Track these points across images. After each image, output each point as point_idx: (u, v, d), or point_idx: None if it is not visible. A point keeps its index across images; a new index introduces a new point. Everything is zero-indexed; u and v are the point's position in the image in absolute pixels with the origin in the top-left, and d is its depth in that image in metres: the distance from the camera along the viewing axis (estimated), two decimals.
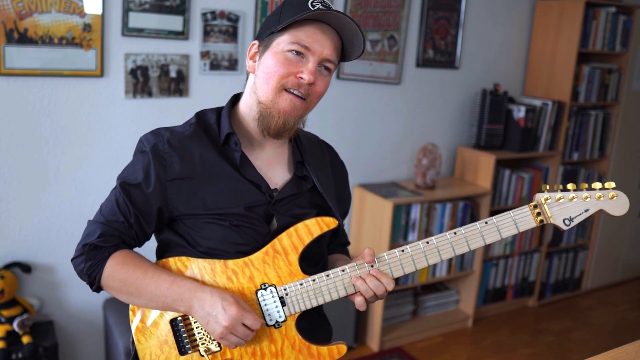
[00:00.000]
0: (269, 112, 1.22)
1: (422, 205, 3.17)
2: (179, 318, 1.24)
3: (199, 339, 1.24)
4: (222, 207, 1.22)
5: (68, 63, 2.37)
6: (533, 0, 3.70)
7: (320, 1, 1.20)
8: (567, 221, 1.23)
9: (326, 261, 1.39)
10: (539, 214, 1.23)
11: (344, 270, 1.24)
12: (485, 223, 1.24)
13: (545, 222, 1.23)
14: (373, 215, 3.10)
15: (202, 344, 1.23)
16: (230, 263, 1.23)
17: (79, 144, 2.49)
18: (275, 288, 1.23)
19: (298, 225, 1.24)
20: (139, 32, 2.49)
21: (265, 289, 1.23)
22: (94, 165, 2.53)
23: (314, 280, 1.23)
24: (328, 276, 1.24)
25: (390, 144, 3.33)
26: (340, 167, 1.47)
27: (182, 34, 2.58)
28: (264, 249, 1.23)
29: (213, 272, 1.23)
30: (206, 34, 2.64)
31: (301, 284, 1.23)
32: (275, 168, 1.31)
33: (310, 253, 1.27)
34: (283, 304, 1.23)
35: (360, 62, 3.09)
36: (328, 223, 1.25)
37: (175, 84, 2.61)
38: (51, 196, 2.47)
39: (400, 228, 3.14)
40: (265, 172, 1.29)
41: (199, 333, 1.24)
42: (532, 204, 1.23)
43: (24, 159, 2.39)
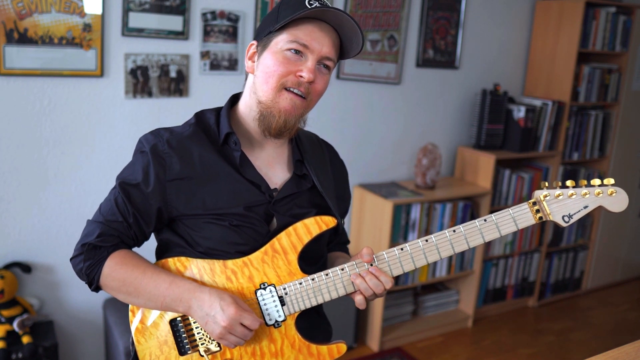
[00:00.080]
0: (269, 112, 1.22)
1: (422, 205, 3.17)
2: (179, 318, 1.24)
3: (199, 339, 1.24)
4: (222, 207, 1.22)
5: (68, 63, 2.38)
6: (533, 0, 3.70)
7: None
8: (567, 218, 1.22)
9: (325, 260, 1.39)
10: (538, 211, 1.22)
11: (343, 269, 1.24)
12: (485, 221, 1.23)
13: (544, 219, 1.23)
14: (373, 215, 3.10)
15: (202, 344, 1.23)
16: (229, 263, 1.23)
17: (79, 144, 2.49)
18: (275, 287, 1.23)
19: (297, 224, 1.24)
20: (139, 32, 2.49)
21: (264, 288, 1.23)
22: (94, 165, 2.54)
23: (313, 279, 1.23)
24: (327, 275, 1.24)
25: (390, 144, 3.33)
26: (340, 166, 1.47)
27: (182, 34, 2.58)
28: (263, 249, 1.23)
29: (212, 272, 1.23)
30: (206, 34, 2.64)
31: (300, 283, 1.23)
32: (275, 168, 1.31)
33: (309, 252, 1.27)
34: (282, 303, 1.22)
35: (360, 62, 3.09)
36: (327, 222, 1.25)
37: (175, 84, 2.61)
38: (51, 196, 2.48)
39: (400, 228, 3.14)
40: (265, 172, 1.28)
41: (198, 333, 1.24)
42: (531, 201, 1.23)
43: (24, 159, 2.39)
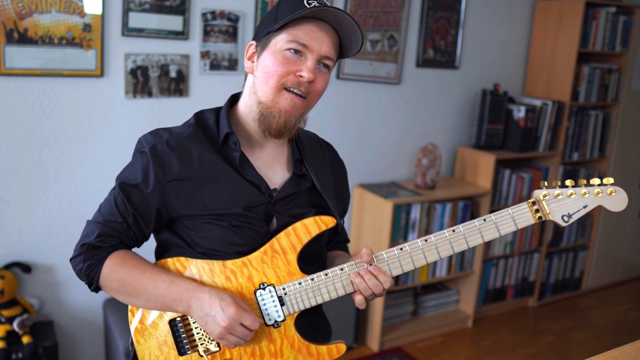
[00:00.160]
0: (269, 112, 1.22)
1: (422, 205, 3.17)
2: (178, 318, 1.24)
3: (198, 339, 1.24)
4: (221, 208, 1.22)
5: (68, 63, 2.38)
6: (533, 0, 3.70)
7: None
8: (566, 217, 1.22)
9: (325, 260, 1.39)
10: (537, 211, 1.22)
11: (342, 269, 1.24)
12: (484, 220, 1.23)
13: (543, 219, 1.22)
14: (373, 215, 3.10)
15: (201, 344, 1.23)
16: (228, 263, 1.23)
17: (79, 144, 2.49)
18: (274, 287, 1.23)
19: (296, 224, 1.24)
20: (139, 32, 2.49)
21: (264, 288, 1.22)
22: (94, 165, 2.54)
23: (312, 279, 1.23)
24: (327, 275, 1.23)
25: (390, 144, 3.33)
26: (339, 166, 1.47)
27: (182, 34, 2.58)
28: (262, 249, 1.23)
29: (212, 273, 1.23)
30: (206, 34, 2.64)
31: (300, 283, 1.23)
32: (275, 168, 1.31)
33: (308, 252, 1.26)
34: (282, 303, 1.22)
35: (360, 62, 3.09)
36: (326, 222, 1.24)
37: (175, 84, 2.61)
38: (51, 196, 2.48)
39: (400, 228, 3.14)
40: (264, 172, 1.28)
41: (198, 333, 1.24)
42: (531, 201, 1.23)
43: (24, 159, 2.39)
